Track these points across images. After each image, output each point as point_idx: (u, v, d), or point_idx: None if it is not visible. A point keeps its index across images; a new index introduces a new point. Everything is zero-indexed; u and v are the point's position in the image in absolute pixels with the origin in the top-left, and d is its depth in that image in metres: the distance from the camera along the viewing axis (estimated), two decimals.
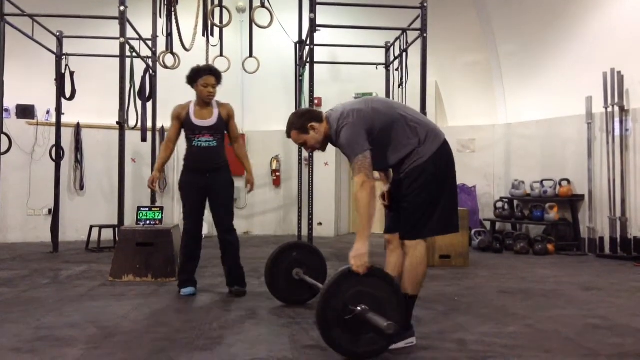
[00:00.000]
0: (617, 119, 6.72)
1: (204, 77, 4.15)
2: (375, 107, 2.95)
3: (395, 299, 2.67)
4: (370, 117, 2.89)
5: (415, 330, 2.97)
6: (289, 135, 3.09)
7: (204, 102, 4.22)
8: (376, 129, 2.88)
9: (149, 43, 7.17)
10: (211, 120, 4.21)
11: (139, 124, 6.76)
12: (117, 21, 5.63)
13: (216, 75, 4.22)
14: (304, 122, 3.02)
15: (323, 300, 2.58)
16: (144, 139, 6.79)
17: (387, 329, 2.41)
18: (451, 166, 3.00)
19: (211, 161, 4.22)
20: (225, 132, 4.33)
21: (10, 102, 7.61)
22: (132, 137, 6.94)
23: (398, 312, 2.66)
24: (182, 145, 4.36)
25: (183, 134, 4.31)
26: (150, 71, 7.12)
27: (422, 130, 2.95)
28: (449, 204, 2.96)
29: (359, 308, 2.56)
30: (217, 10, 6.85)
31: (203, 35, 7.20)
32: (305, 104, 6.98)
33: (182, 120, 4.22)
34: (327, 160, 9.21)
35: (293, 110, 8.27)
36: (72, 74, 7.11)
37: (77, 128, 8.30)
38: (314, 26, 5.81)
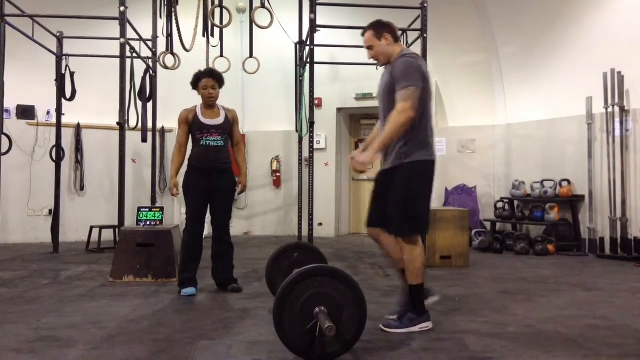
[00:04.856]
0: (617, 120, 6.71)
1: (202, 80, 4.34)
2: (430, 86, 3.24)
3: (357, 303, 2.61)
4: (427, 77, 3.18)
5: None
6: (364, 33, 3.32)
7: (208, 104, 4.37)
8: (424, 89, 3.13)
9: (149, 43, 7.16)
10: (219, 120, 4.36)
11: (139, 125, 6.76)
12: (117, 22, 5.63)
13: (215, 77, 4.40)
14: (383, 29, 3.27)
15: (280, 298, 2.60)
16: (144, 140, 6.78)
17: (328, 331, 2.42)
18: (433, 178, 3.23)
19: (219, 161, 4.33)
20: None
21: (10, 103, 7.61)
22: (133, 138, 6.95)
23: (358, 314, 2.62)
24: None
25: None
26: (151, 72, 7.12)
27: (432, 134, 3.28)
28: (427, 207, 3.21)
29: (316, 310, 2.55)
30: (217, 11, 6.86)
31: (203, 35, 7.21)
32: (306, 105, 6.98)
33: (190, 123, 4.34)
34: (328, 160, 9.22)
35: (293, 110, 8.37)
36: (72, 74, 7.11)
37: (78, 128, 8.30)
38: (314, 26, 5.81)
